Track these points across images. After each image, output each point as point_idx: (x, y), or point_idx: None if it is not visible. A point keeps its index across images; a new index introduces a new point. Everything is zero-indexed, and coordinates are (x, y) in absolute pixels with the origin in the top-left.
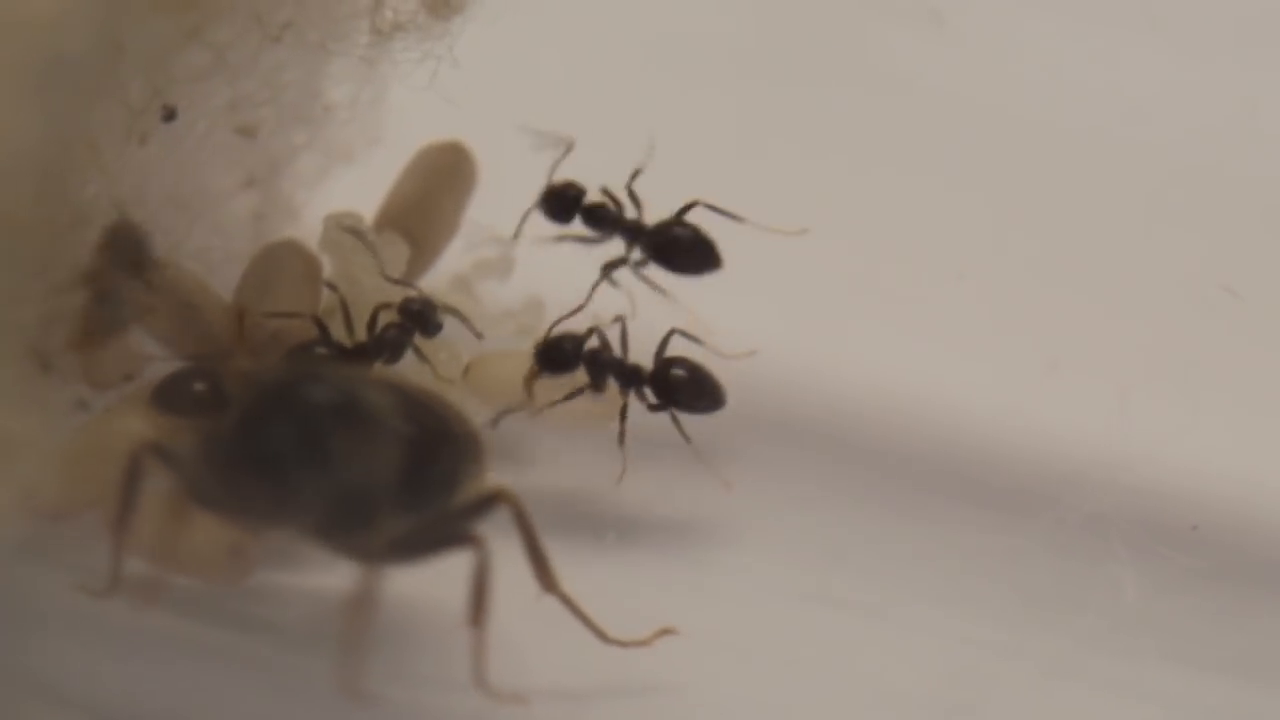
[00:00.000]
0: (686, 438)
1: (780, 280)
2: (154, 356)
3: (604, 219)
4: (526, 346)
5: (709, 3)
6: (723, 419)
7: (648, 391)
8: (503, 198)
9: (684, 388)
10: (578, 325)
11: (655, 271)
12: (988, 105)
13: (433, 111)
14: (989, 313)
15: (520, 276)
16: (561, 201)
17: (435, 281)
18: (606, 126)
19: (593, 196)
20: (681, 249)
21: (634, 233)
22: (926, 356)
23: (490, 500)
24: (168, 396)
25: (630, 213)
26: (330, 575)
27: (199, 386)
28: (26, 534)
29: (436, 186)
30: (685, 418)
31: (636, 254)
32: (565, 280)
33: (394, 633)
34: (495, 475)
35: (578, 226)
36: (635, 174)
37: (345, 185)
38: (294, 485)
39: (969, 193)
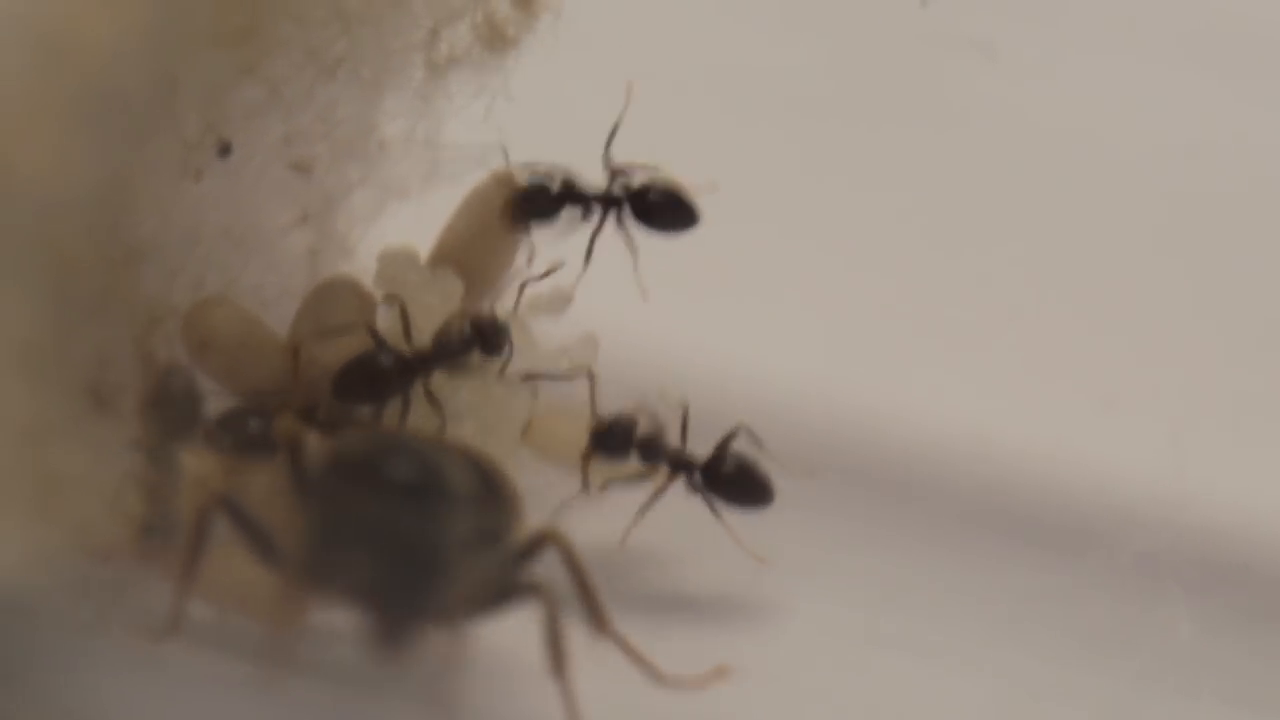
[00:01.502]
0: (720, 519)
1: (831, 318)
2: (209, 394)
3: (581, 196)
4: (582, 400)
5: (763, 38)
6: (771, 461)
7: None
8: (556, 233)
9: (734, 484)
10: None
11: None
12: (1039, 141)
13: (488, 144)
14: (1043, 351)
15: (574, 312)
16: (539, 201)
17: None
18: (661, 161)
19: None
20: (657, 207)
21: (611, 201)
22: (981, 395)
23: (539, 542)
24: (222, 434)
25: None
26: None
27: (254, 425)
28: (79, 573)
29: (491, 222)
30: None
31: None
32: (620, 316)
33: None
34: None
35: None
36: (611, 138)
37: (400, 221)
38: (372, 565)
39: (1022, 230)
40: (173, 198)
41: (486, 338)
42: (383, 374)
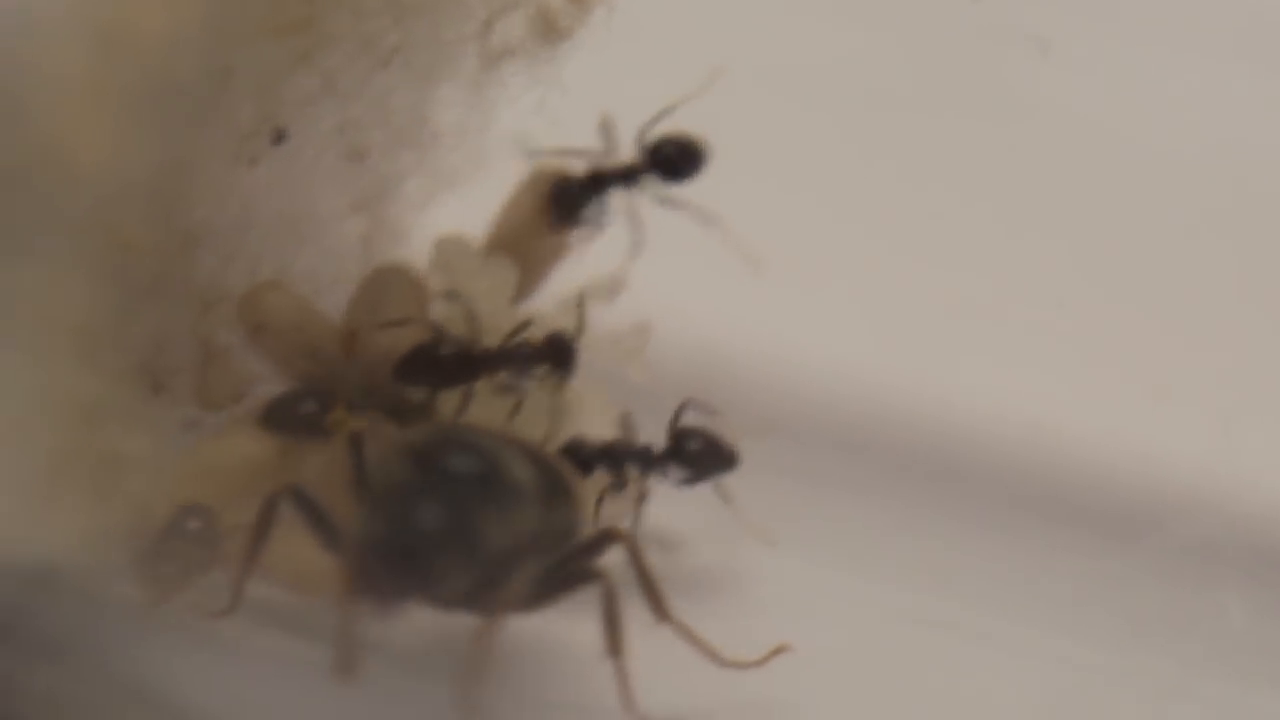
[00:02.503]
0: (727, 502)
1: (883, 305)
2: (263, 377)
3: (604, 180)
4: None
5: (815, 30)
6: (830, 446)
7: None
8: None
9: (703, 458)
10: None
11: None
12: (1091, 133)
13: (541, 133)
14: (1096, 339)
15: (627, 299)
16: (571, 197)
17: (542, 304)
18: (721, 148)
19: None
20: (673, 160)
21: (634, 172)
22: (1035, 383)
23: (605, 539)
24: (277, 417)
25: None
26: None
27: (308, 407)
28: (137, 551)
29: (544, 210)
30: None
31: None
32: (672, 304)
33: (527, 663)
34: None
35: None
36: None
37: (453, 209)
38: (439, 563)
39: (1074, 220)
40: (228, 185)
41: (559, 356)
42: (443, 365)
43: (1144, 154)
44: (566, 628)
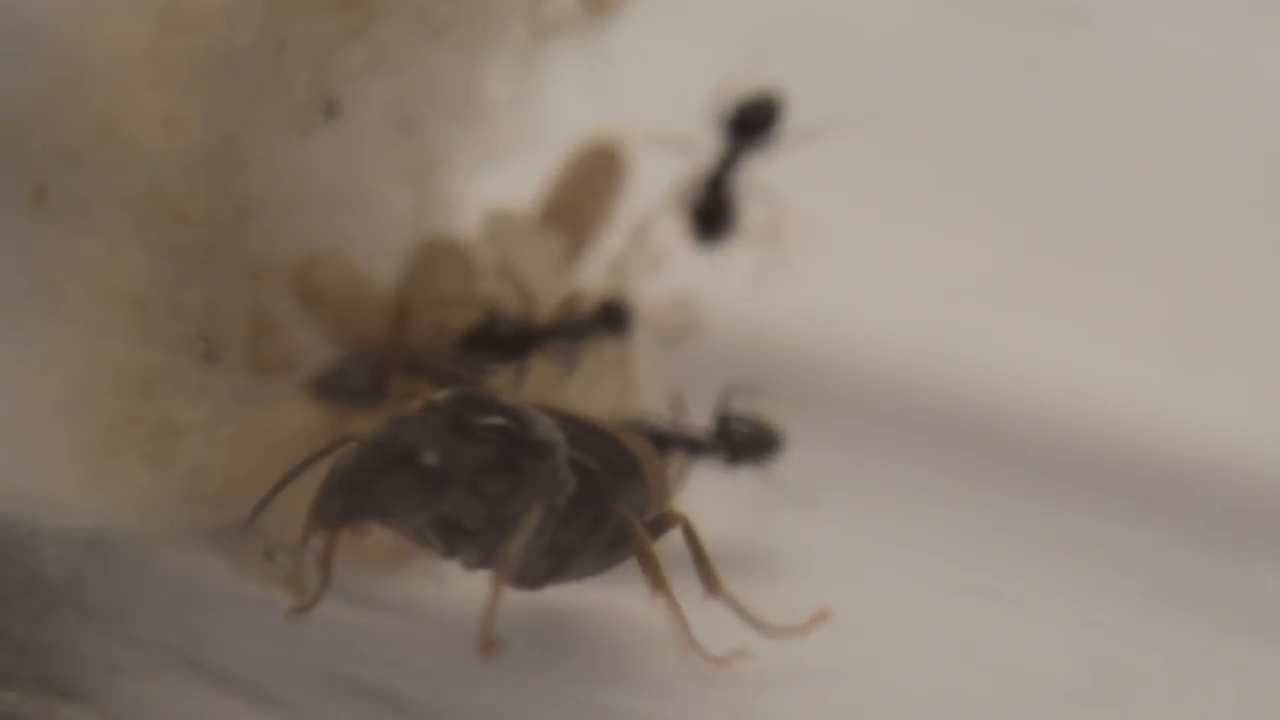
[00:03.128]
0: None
1: (926, 278)
2: (315, 347)
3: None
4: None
5: (854, 4)
6: (870, 416)
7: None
8: (656, 193)
9: (749, 444)
10: None
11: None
12: (1127, 104)
13: (589, 108)
14: (1133, 309)
15: (675, 274)
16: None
17: (589, 275)
18: None
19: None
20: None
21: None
22: (1071, 352)
23: (663, 521)
24: (328, 387)
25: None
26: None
27: (359, 377)
28: (192, 519)
29: (591, 182)
30: None
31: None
32: (719, 277)
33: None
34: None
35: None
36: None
37: (502, 180)
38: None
39: (1111, 189)
40: (282, 157)
41: (615, 319)
42: (503, 341)
43: (1180, 125)
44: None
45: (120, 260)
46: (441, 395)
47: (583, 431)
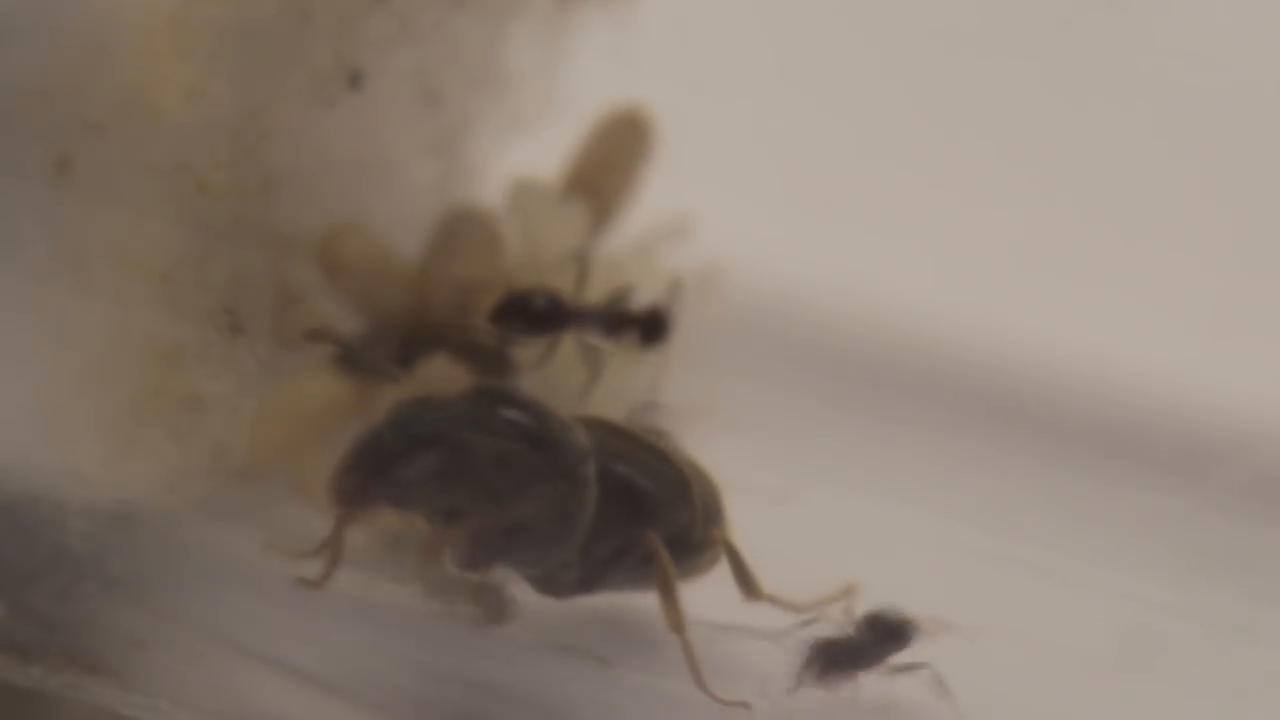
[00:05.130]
0: None
1: (952, 245)
2: (340, 319)
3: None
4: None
5: None
6: (898, 384)
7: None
8: (683, 162)
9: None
10: None
11: None
12: (1169, 68)
13: (614, 76)
14: (1161, 276)
15: (700, 243)
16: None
17: (615, 246)
18: (786, 87)
19: None
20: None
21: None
22: (1099, 319)
23: (705, 544)
24: (352, 359)
25: None
26: None
27: (382, 350)
28: (216, 493)
29: (617, 151)
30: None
31: None
32: (746, 246)
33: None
34: None
35: None
36: None
37: (527, 150)
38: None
39: (1136, 160)
40: (305, 127)
41: (654, 328)
42: (537, 315)
43: (1218, 91)
44: None
45: (144, 232)
46: (470, 384)
47: (625, 445)
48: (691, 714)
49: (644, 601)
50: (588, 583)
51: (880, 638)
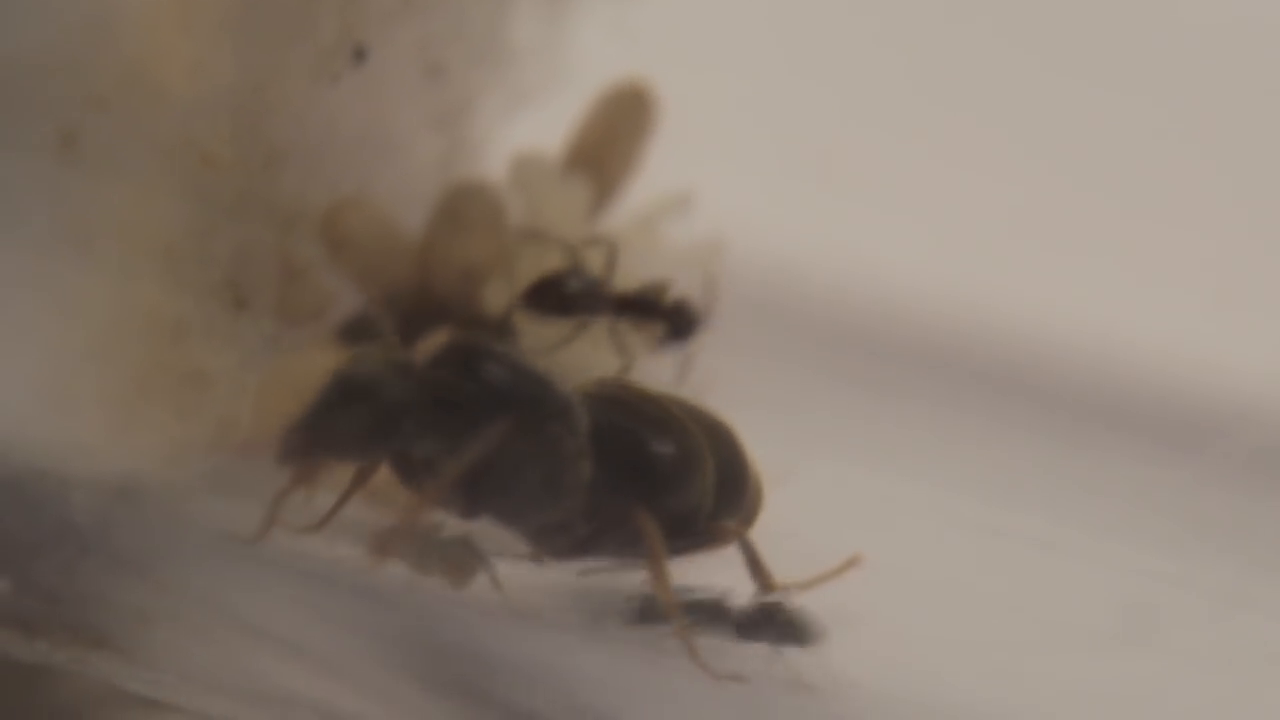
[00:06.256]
0: None
1: (954, 218)
2: (343, 294)
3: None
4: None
5: None
6: (898, 356)
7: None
8: (685, 136)
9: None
10: None
11: None
12: (1172, 39)
13: (617, 51)
14: (1161, 248)
15: (703, 216)
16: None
17: (618, 220)
18: (788, 61)
19: None
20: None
21: None
22: (1101, 292)
23: (715, 533)
24: (356, 334)
25: None
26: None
27: (386, 325)
28: (220, 467)
29: (619, 126)
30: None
31: None
32: (748, 220)
33: None
34: None
35: None
36: None
37: (531, 125)
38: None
39: (1138, 132)
40: (310, 102)
41: (681, 321)
42: (569, 298)
43: (1221, 63)
44: None
45: (148, 207)
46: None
47: (643, 410)
48: (684, 688)
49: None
50: (585, 546)
51: (766, 626)
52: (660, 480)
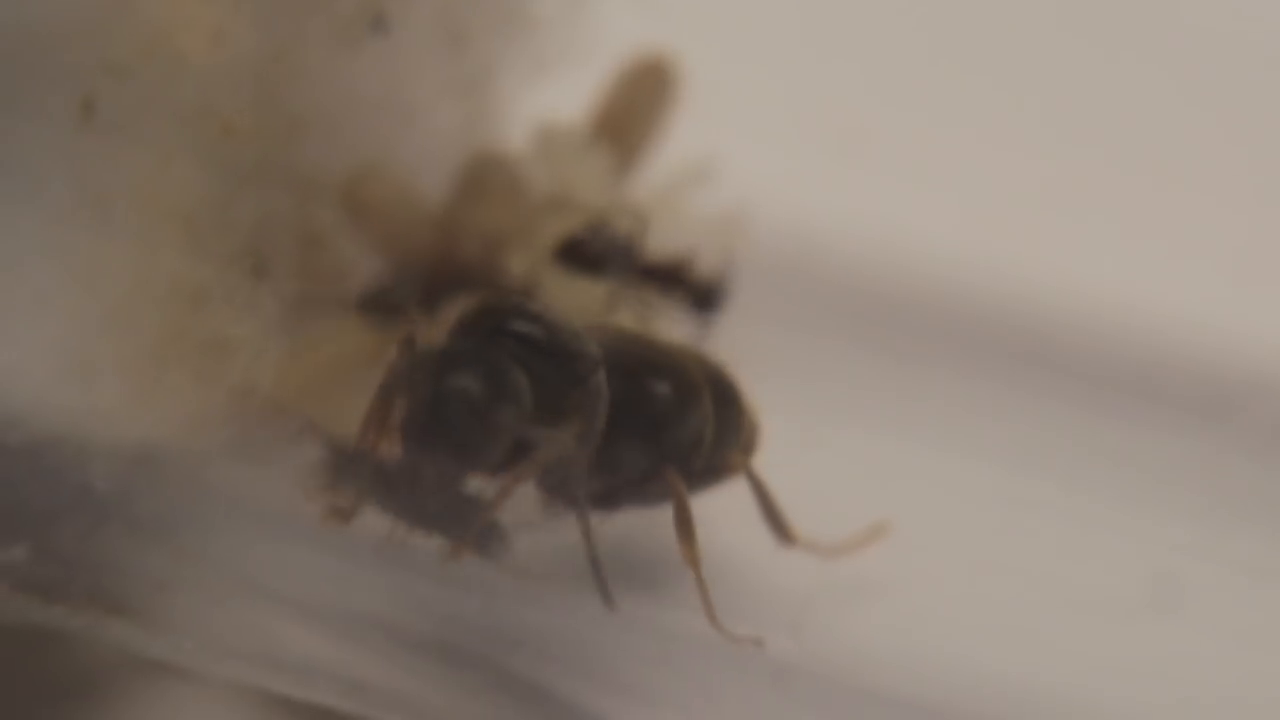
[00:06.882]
0: None
1: (977, 191)
2: (363, 262)
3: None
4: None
5: None
6: (922, 327)
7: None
8: (707, 106)
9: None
10: None
11: None
12: (1192, 12)
13: (639, 20)
14: (1186, 221)
15: (726, 186)
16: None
17: (639, 191)
18: (811, 31)
19: None
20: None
21: None
22: (1125, 262)
23: (722, 467)
24: (375, 302)
25: None
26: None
27: (405, 292)
28: (240, 435)
29: (641, 95)
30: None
31: None
32: (771, 189)
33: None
34: None
35: None
36: None
37: (552, 94)
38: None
39: (1162, 96)
40: (330, 70)
41: (706, 296)
42: (600, 260)
43: (1240, 36)
44: None
45: (169, 174)
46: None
47: (638, 350)
48: (700, 650)
49: (652, 538)
50: (601, 497)
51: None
52: (662, 414)
